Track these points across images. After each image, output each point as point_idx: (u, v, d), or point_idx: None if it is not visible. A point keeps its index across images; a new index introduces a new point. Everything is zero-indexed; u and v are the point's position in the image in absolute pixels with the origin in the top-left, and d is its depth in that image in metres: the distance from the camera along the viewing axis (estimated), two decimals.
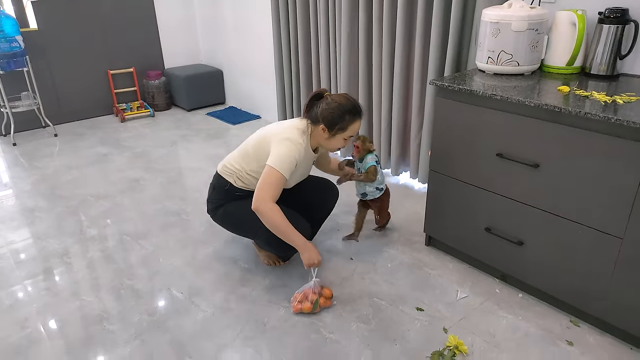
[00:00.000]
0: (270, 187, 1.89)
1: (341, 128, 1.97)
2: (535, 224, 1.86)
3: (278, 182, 1.90)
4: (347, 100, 1.98)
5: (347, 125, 1.97)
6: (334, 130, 1.97)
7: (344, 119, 1.96)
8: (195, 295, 2.07)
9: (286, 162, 1.91)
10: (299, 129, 2.00)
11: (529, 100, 1.72)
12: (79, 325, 1.90)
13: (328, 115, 1.95)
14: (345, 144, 2.06)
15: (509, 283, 2.11)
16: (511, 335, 1.82)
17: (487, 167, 1.95)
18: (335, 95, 2.01)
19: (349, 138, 2.03)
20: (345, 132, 1.99)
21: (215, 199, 2.20)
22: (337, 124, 1.96)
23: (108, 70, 4.53)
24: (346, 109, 1.96)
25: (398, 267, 2.24)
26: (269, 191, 1.89)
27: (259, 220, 1.92)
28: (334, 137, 2.00)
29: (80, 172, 3.37)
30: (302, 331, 1.86)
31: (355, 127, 2.00)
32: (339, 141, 2.02)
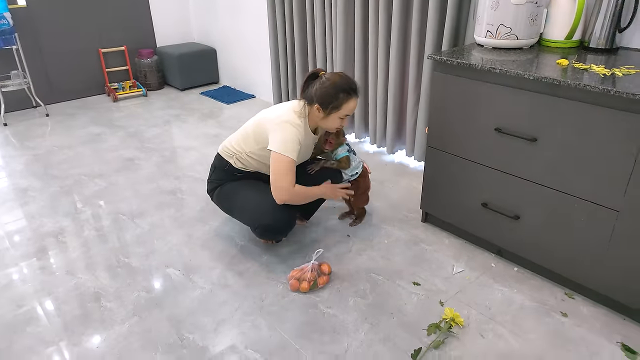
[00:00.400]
0: (285, 176, 1.91)
1: (335, 107, 1.94)
2: (532, 198, 1.86)
3: (289, 167, 1.91)
4: (341, 79, 1.95)
5: (341, 103, 1.94)
6: (328, 109, 1.95)
7: (338, 98, 1.93)
8: (193, 272, 2.07)
9: (290, 145, 1.91)
10: (296, 111, 1.99)
11: (528, 73, 1.70)
12: (76, 303, 1.90)
13: (322, 95, 1.93)
14: (341, 124, 2.03)
15: (504, 257, 2.12)
16: (506, 308, 1.84)
17: (485, 142, 1.94)
18: (330, 74, 1.98)
19: (346, 117, 2.00)
20: (339, 110, 1.96)
21: (215, 179, 2.21)
22: (331, 102, 1.93)
23: (99, 49, 4.45)
24: (340, 87, 1.93)
25: (395, 244, 2.25)
26: (285, 180, 1.91)
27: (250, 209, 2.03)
28: (329, 117, 1.98)
29: (74, 151, 3.34)
30: (300, 306, 1.87)
31: (350, 105, 1.97)
32: (334, 120, 2.00)
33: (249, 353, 1.65)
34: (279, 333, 1.74)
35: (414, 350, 1.65)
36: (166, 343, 1.70)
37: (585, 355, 1.62)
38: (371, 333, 1.73)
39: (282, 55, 3.75)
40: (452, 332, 1.73)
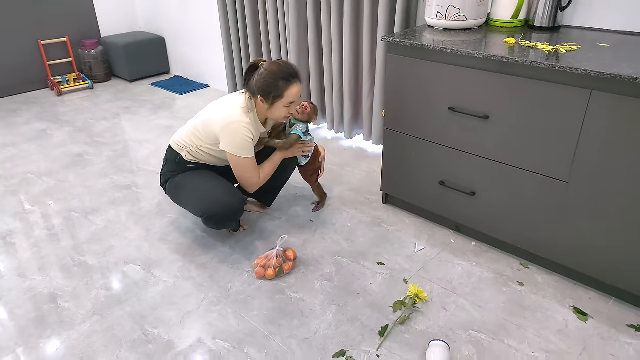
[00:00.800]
0: (249, 173, 1.99)
1: (277, 96, 1.88)
2: (486, 174, 1.93)
3: (249, 164, 1.97)
4: (278, 67, 1.89)
5: (282, 91, 1.87)
6: (270, 100, 1.89)
7: (278, 86, 1.86)
8: (154, 267, 2.02)
9: (245, 146, 1.92)
10: (242, 107, 1.94)
11: (478, 52, 1.75)
12: (30, 305, 1.81)
13: (262, 85, 1.87)
14: (289, 112, 1.97)
15: (462, 233, 2.19)
16: (467, 281, 1.91)
17: (440, 121, 1.99)
18: (268, 63, 1.91)
19: (291, 105, 1.93)
20: (282, 99, 1.89)
21: (167, 171, 2.16)
22: (272, 92, 1.87)
23: (39, 40, 4.20)
24: (278, 75, 1.86)
25: (357, 226, 2.28)
26: (252, 177, 2.01)
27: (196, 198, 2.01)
28: (273, 107, 1.91)
29: (18, 149, 3.15)
30: (267, 293, 1.86)
31: (292, 92, 1.89)
32: (280, 110, 1.93)
33: (217, 343, 1.64)
34: (247, 321, 1.73)
35: (381, 328, 1.69)
36: (130, 340, 1.65)
37: (542, 319, 1.71)
38: (339, 314, 1.75)
39: (234, 42, 3.67)
40: (417, 308, 1.77)
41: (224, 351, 1.61)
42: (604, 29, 2.01)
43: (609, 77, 1.49)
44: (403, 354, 1.59)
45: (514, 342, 1.62)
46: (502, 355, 1.58)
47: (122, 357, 1.58)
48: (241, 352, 1.60)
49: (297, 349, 1.61)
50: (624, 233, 1.65)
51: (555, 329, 1.67)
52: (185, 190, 2.07)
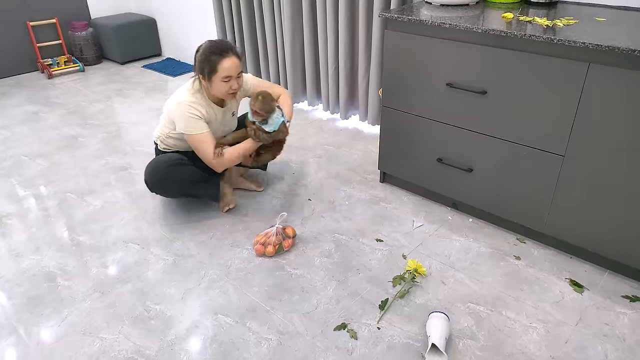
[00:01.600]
0: (204, 147, 2.00)
1: (212, 71, 1.92)
2: (484, 150, 1.94)
3: (203, 140, 2.00)
4: (210, 43, 1.95)
5: (215, 66, 1.91)
6: (207, 76, 1.94)
7: (211, 61, 1.91)
8: (153, 245, 2.02)
9: (191, 123, 1.98)
10: (188, 89, 2.02)
11: (476, 27, 1.75)
12: (30, 284, 1.81)
13: (198, 64, 1.94)
14: (230, 87, 1.96)
15: (460, 210, 2.21)
16: (464, 256, 1.93)
17: (438, 98, 1.99)
18: (205, 42, 1.98)
19: (230, 79, 1.94)
20: (218, 73, 1.92)
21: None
22: (206, 68, 1.92)
23: (27, 22, 4.11)
24: (210, 51, 1.92)
25: (355, 204, 2.29)
26: (206, 150, 2.00)
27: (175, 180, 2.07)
28: (212, 83, 1.95)
29: (10, 132, 3.11)
30: (267, 270, 1.87)
31: (225, 65, 1.91)
32: (220, 85, 1.95)
33: (219, 318, 1.65)
34: (248, 297, 1.74)
35: (381, 301, 1.71)
36: (132, 316, 1.66)
37: (538, 291, 1.74)
38: (339, 289, 1.77)
39: (228, 24, 3.63)
40: (416, 282, 1.80)
41: (226, 325, 1.62)
42: (600, 4, 2.01)
43: (607, 49, 1.49)
44: (403, 326, 1.61)
45: (512, 314, 1.65)
46: (500, 325, 1.60)
47: (124, 332, 1.59)
48: (243, 327, 1.62)
49: (299, 322, 1.63)
50: (619, 206, 1.67)
51: (552, 301, 1.70)
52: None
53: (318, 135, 3.02)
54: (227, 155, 2.03)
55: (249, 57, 3.60)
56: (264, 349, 1.53)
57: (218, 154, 2.01)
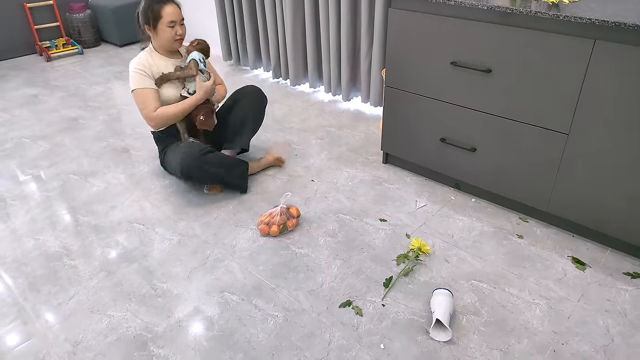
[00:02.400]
0: (145, 104, 2.08)
1: (156, 18, 2.04)
2: (487, 129, 1.94)
3: (143, 95, 2.08)
4: None
5: (159, 13, 2.03)
6: (152, 24, 2.06)
7: (154, 9, 2.03)
8: (158, 226, 2.03)
9: (133, 79, 2.09)
10: (141, 48, 2.18)
11: (482, 3, 1.74)
12: (37, 263, 1.82)
13: (143, 16, 2.07)
14: (175, 33, 2.09)
15: (462, 190, 2.22)
16: (467, 235, 1.95)
17: (442, 77, 1.98)
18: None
19: (174, 25, 2.07)
20: (162, 19, 2.04)
21: (159, 149, 2.32)
22: (150, 16, 2.04)
23: (25, 4, 4.07)
24: (151, 0, 2.04)
25: (359, 185, 2.30)
26: (147, 107, 2.08)
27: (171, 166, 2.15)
28: (158, 30, 2.07)
29: (10, 114, 3.10)
30: (272, 249, 1.89)
31: (168, 10, 2.04)
32: (166, 31, 2.07)
33: (225, 296, 1.67)
34: (254, 275, 1.76)
35: (386, 279, 1.72)
36: (139, 294, 1.67)
37: (541, 269, 1.76)
38: (344, 268, 1.79)
39: (228, 5, 3.58)
40: (420, 260, 1.81)
41: (233, 303, 1.64)
42: None
43: (613, 25, 1.49)
44: (407, 303, 1.63)
45: (515, 290, 1.67)
46: (503, 301, 1.62)
47: (132, 310, 1.61)
48: (249, 304, 1.63)
49: (304, 300, 1.65)
50: (622, 184, 1.68)
51: (555, 278, 1.72)
52: (169, 165, 2.22)
53: (320, 117, 3.01)
54: (164, 111, 2.09)
55: (249, 38, 3.57)
56: (271, 325, 1.55)
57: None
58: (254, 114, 2.35)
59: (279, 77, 3.58)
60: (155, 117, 2.09)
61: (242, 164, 2.22)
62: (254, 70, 3.76)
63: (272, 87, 3.47)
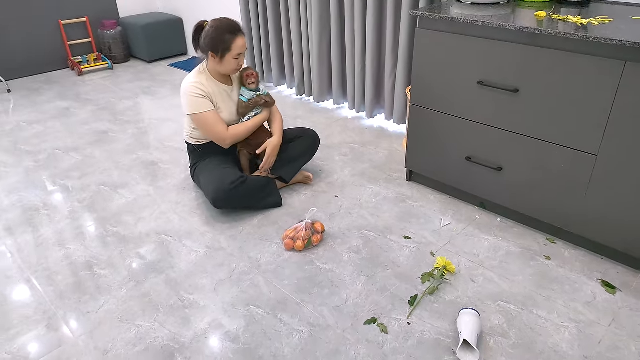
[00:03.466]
0: (211, 127, 2.13)
1: (225, 49, 2.04)
2: (514, 148, 1.94)
3: (209, 119, 2.12)
4: (222, 22, 2.06)
5: (229, 44, 2.03)
6: (220, 53, 2.05)
7: (225, 40, 2.03)
8: (185, 238, 2.06)
9: (194, 102, 2.10)
10: (196, 71, 2.16)
11: (510, 24, 1.75)
12: (68, 272, 1.87)
13: (210, 42, 2.04)
14: (238, 65, 2.12)
15: (488, 209, 2.21)
16: (493, 255, 1.93)
17: (468, 96, 1.99)
18: (212, 21, 2.08)
19: (239, 56, 2.09)
20: (231, 51, 2.05)
21: (191, 163, 2.36)
22: (220, 45, 2.03)
23: (59, 20, 4.23)
24: (224, 29, 2.03)
25: (382, 202, 2.30)
26: (215, 130, 2.14)
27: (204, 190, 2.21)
28: (223, 60, 2.07)
29: (43, 126, 3.21)
30: (297, 264, 1.90)
31: (238, 44, 2.05)
32: (230, 62, 2.09)
33: (251, 309, 1.68)
34: (279, 289, 1.77)
35: (411, 297, 1.72)
36: (167, 305, 1.70)
37: (570, 292, 1.73)
38: (368, 284, 1.79)
39: (254, 23, 3.67)
40: (445, 279, 1.80)
41: (258, 316, 1.65)
42: (635, 3, 1.99)
43: None
44: (433, 322, 1.62)
45: (543, 313, 1.64)
46: (531, 324, 1.60)
47: (160, 320, 1.63)
48: (274, 318, 1.64)
49: (329, 315, 1.65)
50: None
51: (584, 301, 1.69)
52: (200, 183, 2.27)
53: (343, 133, 3.04)
54: (234, 131, 2.17)
55: (274, 56, 3.64)
56: (296, 340, 1.56)
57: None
58: (307, 154, 2.42)
59: (303, 94, 3.63)
60: (229, 137, 2.17)
61: (269, 184, 2.24)
62: (277, 87, 3.82)
63: (296, 104, 3.52)
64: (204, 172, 2.22)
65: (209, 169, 2.21)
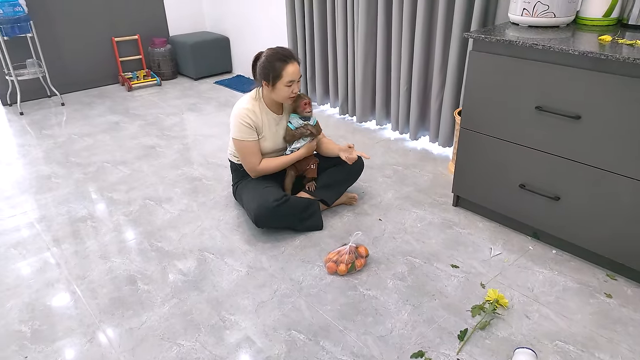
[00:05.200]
0: (247, 156, 2.17)
1: (276, 76, 2.04)
2: (574, 177, 1.83)
3: (247, 148, 2.14)
4: (273, 50, 2.07)
5: (280, 72, 2.03)
6: (271, 81, 2.05)
7: (275, 67, 2.03)
8: (227, 256, 2.05)
9: (238, 129, 2.12)
10: (252, 96, 2.17)
11: (573, 49, 1.67)
12: (112, 286, 1.88)
13: (262, 70, 2.06)
14: (291, 92, 2.09)
15: (541, 240, 2.09)
16: (549, 289, 1.82)
17: (525, 121, 1.91)
18: (267, 49, 2.10)
19: (292, 84, 2.07)
20: (282, 78, 2.04)
21: (233, 181, 2.39)
22: (271, 73, 2.03)
23: (112, 38, 4.41)
24: (274, 57, 2.04)
25: (428, 227, 2.23)
26: (249, 160, 2.17)
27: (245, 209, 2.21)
28: (275, 88, 2.07)
29: (94, 139, 3.31)
30: (339, 288, 1.85)
31: (289, 71, 2.04)
32: (283, 90, 2.07)
33: (292, 334, 1.63)
34: (321, 315, 1.72)
35: (460, 331, 1.63)
36: (208, 324, 1.68)
37: (635, 334, 1.60)
38: (414, 314, 1.71)
39: (300, 43, 3.70)
40: (497, 314, 1.70)
41: (300, 342, 1.60)
42: None
43: None
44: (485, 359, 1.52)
45: (606, 356, 1.52)
46: None
47: (201, 341, 1.61)
48: (316, 345, 1.59)
49: (374, 345, 1.58)
50: None
51: None
52: (242, 200, 2.27)
53: (386, 155, 2.99)
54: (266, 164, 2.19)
55: (319, 75, 3.65)
56: None
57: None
58: (350, 178, 2.40)
59: (346, 114, 3.61)
60: (260, 170, 2.19)
61: (312, 205, 2.21)
62: (320, 106, 3.82)
63: (338, 123, 3.50)
64: (246, 190, 2.22)
65: (251, 187, 2.21)
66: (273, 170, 2.23)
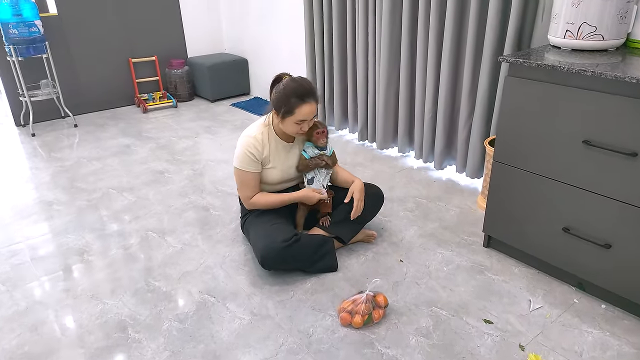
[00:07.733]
0: (242, 187, 2.01)
1: (288, 112, 1.85)
2: (629, 222, 1.58)
3: (245, 178, 1.98)
4: (294, 83, 1.86)
5: (293, 108, 1.84)
6: (281, 114, 1.87)
7: (289, 103, 1.83)
8: (230, 300, 1.84)
9: (241, 158, 1.95)
10: (261, 122, 2.01)
11: (630, 76, 1.44)
12: (101, 332, 1.69)
13: (275, 99, 1.88)
14: (300, 130, 1.91)
15: (587, 292, 1.83)
16: (601, 355, 1.55)
17: (569, 156, 1.67)
18: (288, 78, 1.90)
19: (303, 123, 1.88)
20: (293, 115, 1.85)
21: (242, 211, 2.20)
22: (282, 107, 1.85)
23: (129, 59, 4.34)
24: (292, 92, 1.83)
25: (455, 271, 1.98)
26: (245, 191, 2.00)
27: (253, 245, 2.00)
28: (284, 121, 1.90)
29: (102, 163, 3.18)
30: (354, 345, 1.61)
31: (303, 111, 1.84)
32: (291, 126, 1.90)
33: None
34: None
35: None
36: None
37: None
38: None
39: (319, 64, 3.54)
40: None
41: None
42: None
43: None
44: None
45: None
46: None
47: None
48: None
49: None
50: None
51: None
52: (249, 236, 2.09)
53: (408, 185, 2.76)
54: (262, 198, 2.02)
55: (337, 99, 3.47)
56: None
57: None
58: (369, 214, 2.17)
59: (365, 140, 3.41)
60: (252, 203, 2.02)
61: (326, 244, 2.00)
62: (338, 131, 3.63)
63: (357, 150, 3.31)
64: (254, 226, 2.02)
65: (259, 222, 2.01)
66: (265, 207, 2.04)
